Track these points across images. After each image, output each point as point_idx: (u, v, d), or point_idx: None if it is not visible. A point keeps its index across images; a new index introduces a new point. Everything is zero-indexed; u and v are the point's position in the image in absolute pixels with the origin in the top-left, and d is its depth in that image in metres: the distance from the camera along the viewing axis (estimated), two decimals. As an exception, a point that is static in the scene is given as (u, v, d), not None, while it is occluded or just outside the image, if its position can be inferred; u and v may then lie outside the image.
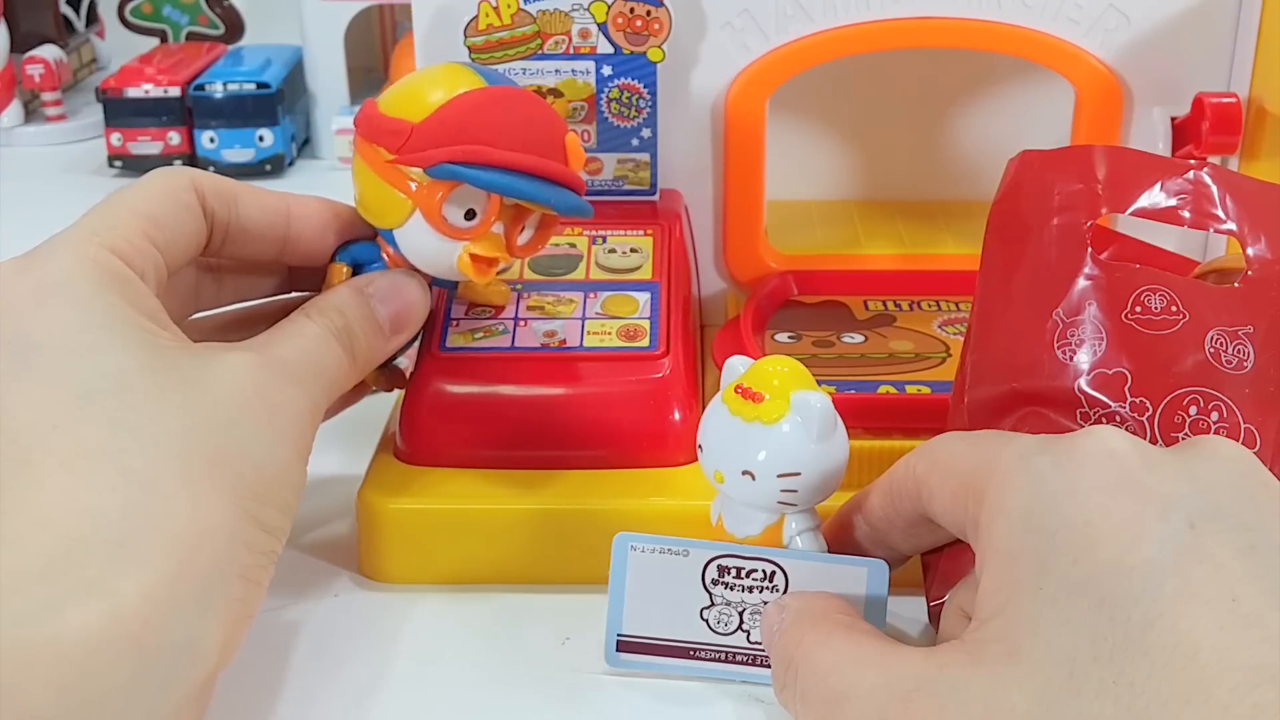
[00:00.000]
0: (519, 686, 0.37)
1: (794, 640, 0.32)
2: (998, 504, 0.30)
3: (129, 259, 0.34)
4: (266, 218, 0.39)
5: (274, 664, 0.38)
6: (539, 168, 0.38)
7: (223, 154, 0.81)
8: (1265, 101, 0.49)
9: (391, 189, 0.38)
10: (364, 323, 0.38)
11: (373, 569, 0.42)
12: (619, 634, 0.36)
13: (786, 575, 0.35)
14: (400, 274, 0.40)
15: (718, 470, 0.35)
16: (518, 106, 0.39)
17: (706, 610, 0.35)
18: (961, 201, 0.60)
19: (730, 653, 0.36)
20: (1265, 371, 0.33)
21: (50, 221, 0.37)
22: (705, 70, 0.51)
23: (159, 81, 0.82)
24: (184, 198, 0.37)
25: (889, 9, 0.49)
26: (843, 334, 0.49)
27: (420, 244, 0.39)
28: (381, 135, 0.39)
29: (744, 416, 0.34)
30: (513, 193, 0.38)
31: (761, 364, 0.35)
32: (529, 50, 0.48)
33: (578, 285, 0.45)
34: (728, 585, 0.35)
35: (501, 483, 0.41)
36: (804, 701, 0.31)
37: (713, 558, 0.35)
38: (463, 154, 0.38)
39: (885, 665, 0.30)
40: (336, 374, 0.37)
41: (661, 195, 0.51)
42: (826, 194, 0.61)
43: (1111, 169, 0.36)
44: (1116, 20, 0.50)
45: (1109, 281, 0.34)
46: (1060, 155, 0.37)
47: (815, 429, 0.34)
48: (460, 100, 0.38)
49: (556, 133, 0.40)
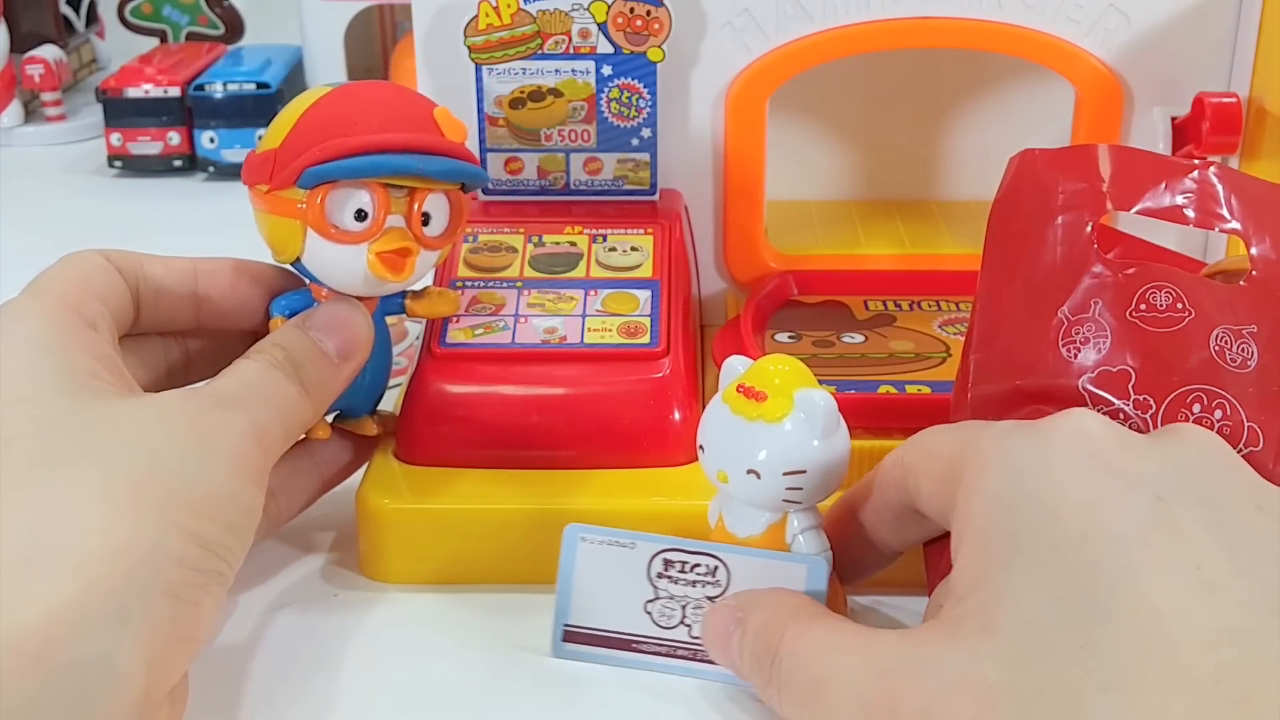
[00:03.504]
0: (519, 686, 0.37)
1: (775, 634, 0.33)
2: (974, 485, 0.30)
3: (78, 311, 0.36)
4: (173, 275, 0.40)
5: (274, 664, 0.38)
6: (402, 142, 0.38)
7: (223, 154, 0.81)
8: (1265, 101, 0.49)
9: (283, 219, 0.38)
10: (309, 354, 0.38)
11: (373, 569, 0.42)
12: (565, 624, 0.36)
13: (729, 571, 0.35)
14: (336, 301, 0.40)
15: (721, 470, 0.35)
16: (368, 94, 0.39)
17: (650, 604, 0.36)
18: (961, 201, 0.60)
19: (673, 647, 0.36)
20: (1268, 371, 0.33)
21: (50, 222, 0.37)
22: (705, 70, 0.51)
23: (159, 81, 0.82)
24: (98, 261, 0.38)
25: (889, 9, 0.49)
26: (843, 334, 0.49)
27: (326, 261, 0.39)
28: (254, 173, 0.39)
29: (747, 415, 0.34)
30: (379, 170, 0.38)
31: (762, 363, 0.35)
32: (529, 50, 0.48)
33: (578, 283, 0.45)
34: (672, 579, 0.36)
35: (501, 483, 0.41)
36: (786, 691, 0.32)
37: (658, 551, 0.35)
38: (320, 153, 0.37)
39: (863, 648, 0.30)
40: (284, 403, 0.37)
41: (661, 195, 0.51)
42: (826, 194, 0.61)
43: (1116, 168, 0.36)
44: (1116, 20, 0.50)
45: (1115, 280, 0.34)
46: (1063, 154, 0.37)
47: (820, 426, 0.34)
48: (310, 109, 0.39)
49: (419, 109, 0.39)
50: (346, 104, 0.39)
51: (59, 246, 0.40)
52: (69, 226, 0.74)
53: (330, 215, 0.38)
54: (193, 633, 0.32)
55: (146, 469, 0.32)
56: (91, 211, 0.77)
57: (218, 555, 0.32)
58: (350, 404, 0.42)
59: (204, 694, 0.36)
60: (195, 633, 0.32)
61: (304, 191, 0.38)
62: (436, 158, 0.39)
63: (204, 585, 0.32)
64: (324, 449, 0.42)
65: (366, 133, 0.38)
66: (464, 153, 0.40)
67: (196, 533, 0.32)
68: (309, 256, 0.39)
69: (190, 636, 0.32)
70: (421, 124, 0.39)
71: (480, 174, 0.40)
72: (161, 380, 0.41)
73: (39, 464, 0.31)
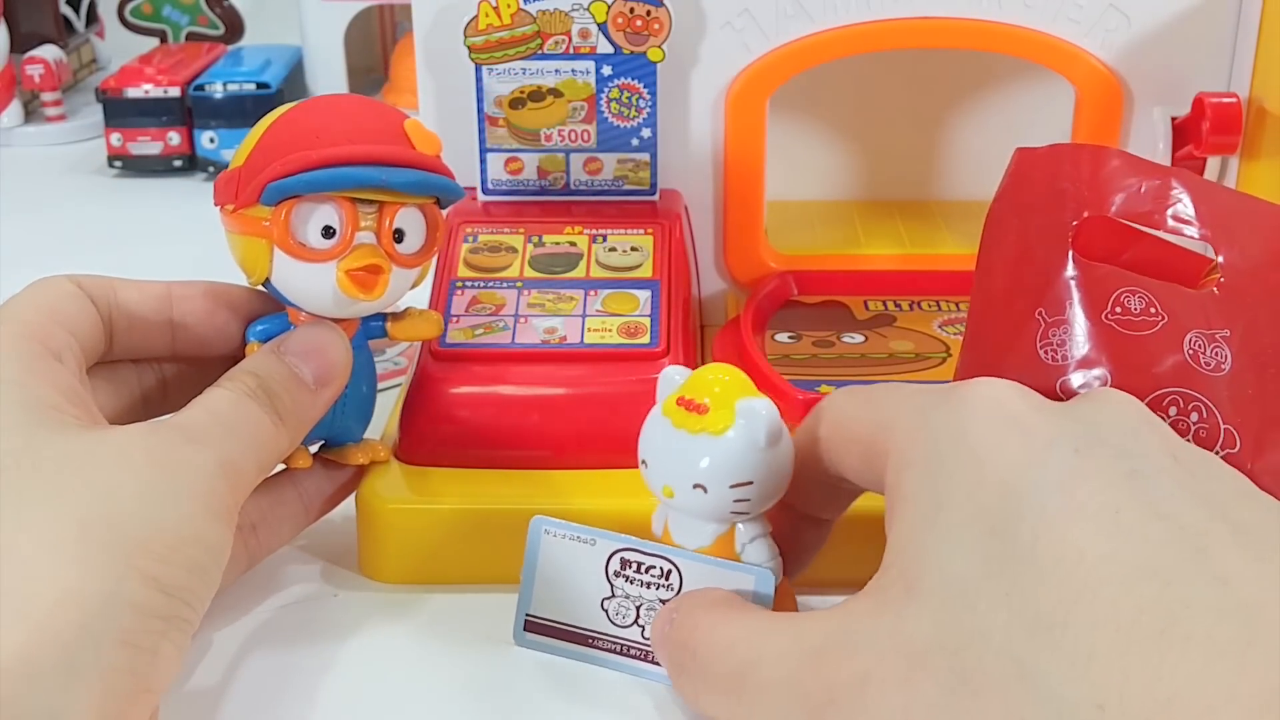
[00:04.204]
0: (519, 687, 0.37)
1: (689, 625, 0.33)
2: (900, 461, 0.31)
3: (43, 341, 0.34)
4: (147, 301, 0.39)
5: (274, 664, 0.38)
6: (365, 155, 0.37)
7: (222, 154, 0.81)
8: (1265, 101, 0.49)
9: (249, 238, 0.37)
10: (284, 380, 0.37)
11: (373, 569, 0.42)
12: (527, 614, 0.37)
13: (681, 575, 0.35)
14: (312, 325, 0.38)
15: (667, 485, 0.35)
16: (333, 107, 0.38)
17: (607, 601, 0.36)
18: (961, 201, 0.60)
19: (626, 646, 0.36)
20: (1243, 375, 0.34)
21: (50, 222, 0.37)
22: (705, 70, 0.51)
23: (159, 81, 0.82)
24: (68, 288, 0.37)
25: (889, 9, 0.49)
26: (843, 334, 0.49)
27: (295, 281, 0.38)
28: (221, 192, 0.38)
29: (689, 429, 0.34)
30: (343, 183, 0.36)
31: (700, 374, 0.35)
32: (529, 50, 0.48)
33: (578, 283, 0.45)
34: (628, 579, 0.36)
35: (502, 483, 0.41)
36: (706, 680, 0.32)
37: (616, 550, 0.36)
38: (280, 167, 0.36)
39: (789, 630, 0.30)
40: (256, 434, 0.35)
41: (661, 195, 0.51)
42: (826, 194, 0.61)
43: (1096, 170, 0.36)
44: (1116, 20, 0.50)
45: (1089, 281, 0.35)
46: (1051, 153, 0.37)
47: (764, 436, 0.33)
48: (273, 125, 0.38)
49: (388, 121, 0.38)
50: (311, 118, 0.38)
51: (59, 247, 0.40)
52: (69, 227, 0.74)
53: (296, 233, 0.37)
54: (151, 683, 0.30)
55: (104, 510, 0.30)
56: (91, 212, 0.77)
57: (180, 600, 0.31)
58: (334, 432, 0.41)
59: (203, 694, 0.36)
60: (154, 682, 0.30)
61: (269, 209, 0.37)
62: (404, 169, 0.37)
63: (164, 632, 0.30)
64: (307, 479, 0.41)
65: (331, 145, 0.36)
66: (435, 165, 0.38)
67: (156, 577, 0.30)
68: (277, 276, 0.38)
69: (148, 687, 0.30)
70: (389, 136, 0.38)
71: (453, 187, 0.39)
72: (136, 408, 0.40)
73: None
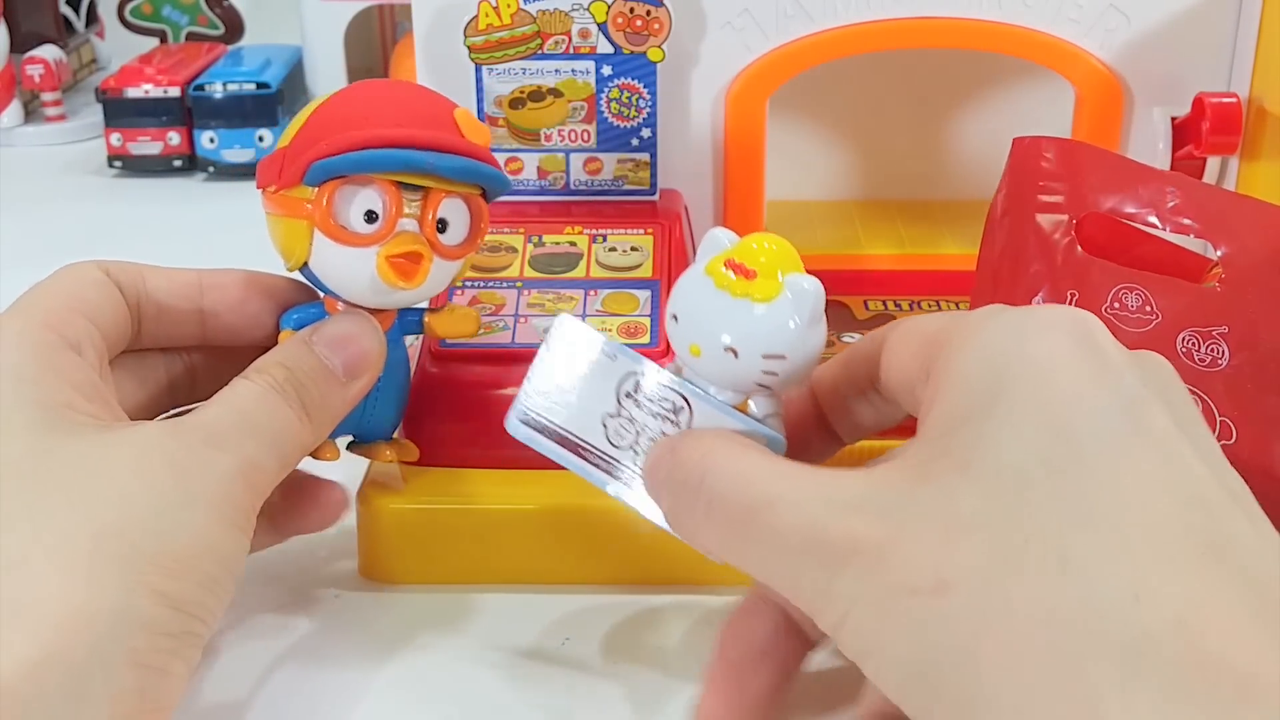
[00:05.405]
0: (519, 687, 0.37)
1: (702, 450, 0.31)
2: (960, 344, 0.29)
3: (61, 331, 0.33)
4: (177, 289, 0.38)
5: (274, 664, 0.38)
6: (412, 138, 0.36)
7: (222, 154, 0.81)
8: (1265, 101, 0.49)
9: (290, 219, 0.36)
10: (313, 372, 0.35)
11: (373, 569, 0.42)
12: (525, 406, 0.35)
13: (691, 414, 0.34)
14: (346, 314, 0.37)
15: (694, 344, 0.33)
16: (384, 91, 0.38)
17: (610, 418, 0.35)
18: (961, 201, 0.60)
19: (615, 467, 0.35)
20: (1241, 370, 0.34)
21: (50, 222, 0.37)
22: (705, 70, 0.51)
23: (159, 81, 0.82)
24: (94, 275, 0.36)
25: (889, 9, 0.49)
26: (843, 334, 0.49)
27: (333, 265, 0.37)
28: (264, 174, 0.37)
29: (733, 291, 0.33)
30: (388, 164, 0.36)
31: (752, 239, 0.34)
32: (529, 50, 0.48)
33: (578, 283, 0.45)
34: (637, 403, 0.34)
35: (501, 483, 0.41)
36: (713, 510, 0.30)
37: (634, 371, 0.34)
38: (326, 146, 0.35)
39: (815, 479, 0.29)
40: (284, 430, 0.34)
41: (661, 195, 0.51)
42: (826, 194, 0.61)
43: (1092, 169, 0.37)
44: (1116, 20, 0.50)
45: (1089, 275, 0.35)
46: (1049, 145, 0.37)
47: (807, 312, 0.32)
48: (322, 106, 0.37)
49: (438, 108, 0.37)
50: (359, 100, 0.37)
51: (59, 246, 0.40)
52: (69, 227, 0.74)
53: (338, 215, 0.36)
54: (161, 702, 0.29)
55: (114, 521, 0.30)
56: (91, 212, 0.77)
57: (191, 615, 0.30)
58: (364, 428, 0.40)
59: (203, 694, 0.36)
60: (164, 701, 0.30)
61: (312, 190, 0.36)
62: (451, 155, 0.36)
63: (175, 650, 0.30)
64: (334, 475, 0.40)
65: (379, 128, 0.36)
66: (483, 154, 0.37)
67: (166, 593, 0.29)
68: (316, 260, 0.37)
69: (158, 706, 0.29)
70: (439, 122, 0.37)
71: (501, 178, 0.38)
72: (163, 397, 0.39)
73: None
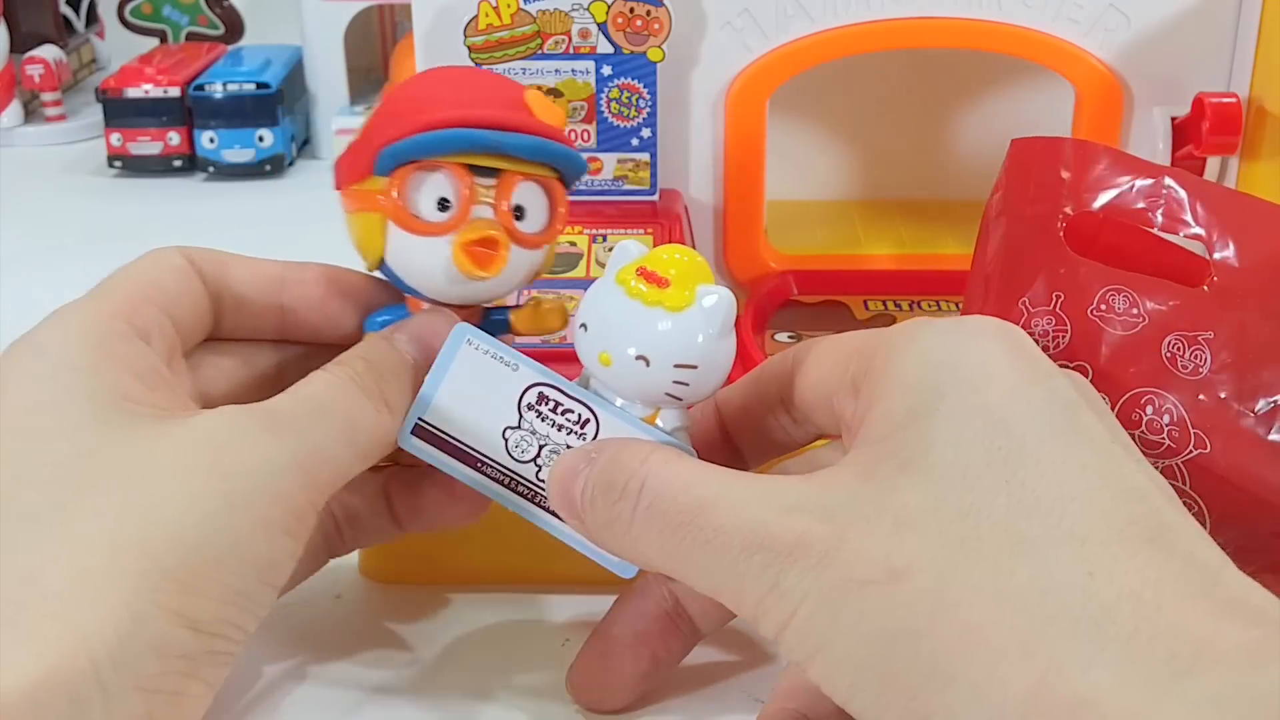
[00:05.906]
0: (519, 687, 0.37)
1: (636, 458, 0.30)
2: (895, 352, 0.29)
3: (130, 319, 0.33)
4: (259, 282, 0.36)
5: (274, 664, 0.38)
6: (483, 119, 0.35)
7: (222, 154, 0.81)
8: (1265, 101, 0.49)
9: (364, 214, 0.36)
10: (394, 366, 0.34)
11: (373, 569, 0.42)
12: (420, 418, 0.34)
13: (599, 428, 0.34)
14: (429, 312, 0.36)
15: (604, 352, 0.33)
16: (451, 76, 0.37)
17: (510, 430, 0.34)
18: (961, 201, 0.60)
19: (515, 481, 0.34)
20: (1219, 376, 0.34)
21: (50, 222, 0.37)
22: (705, 70, 0.51)
23: (159, 81, 0.82)
24: (175, 261, 0.35)
25: (889, 9, 0.49)
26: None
27: (411, 258, 0.36)
28: (338, 175, 0.37)
29: (645, 300, 0.32)
30: (457, 145, 0.34)
31: (663, 249, 0.33)
32: (529, 50, 0.48)
33: (578, 283, 0.45)
34: (540, 415, 0.34)
35: (501, 482, 0.41)
36: (652, 514, 0.29)
37: (537, 383, 0.34)
38: (394, 131, 0.35)
39: (758, 483, 0.28)
40: (359, 418, 0.32)
41: (661, 195, 0.51)
42: (826, 194, 0.61)
43: (1089, 165, 0.36)
44: (1116, 20, 0.50)
45: (1076, 275, 0.35)
46: (1044, 145, 0.37)
47: (719, 323, 0.32)
48: (387, 98, 0.37)
49: (507, 89, 0.36)
50: (426, 85, 0.37)
51: (59, 247, 0.40)
52: (69, 227, 0.74)
53: (410, 204, 0.35)
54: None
55: (138, 533, 0.28)
56: (91, 212, 0.77)
57: (213, 634, 0.29)
58: None
59: (204, 694, 0.36)
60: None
61: (383, 181, 0.35)
62: (522, 135, 0.35)
63: (190, 671, 0.28)
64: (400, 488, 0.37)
65: (448, 110, 0.35)
66: (557, 134, 0.36)
67: (183, 612, 0.28)
68: (392, 255, 0.36)
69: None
70: (509, 103, 0.36)
71: (577, 159, 0.36)
72: (248, 388, 0.37)
73: (29, 520, 0.28)
